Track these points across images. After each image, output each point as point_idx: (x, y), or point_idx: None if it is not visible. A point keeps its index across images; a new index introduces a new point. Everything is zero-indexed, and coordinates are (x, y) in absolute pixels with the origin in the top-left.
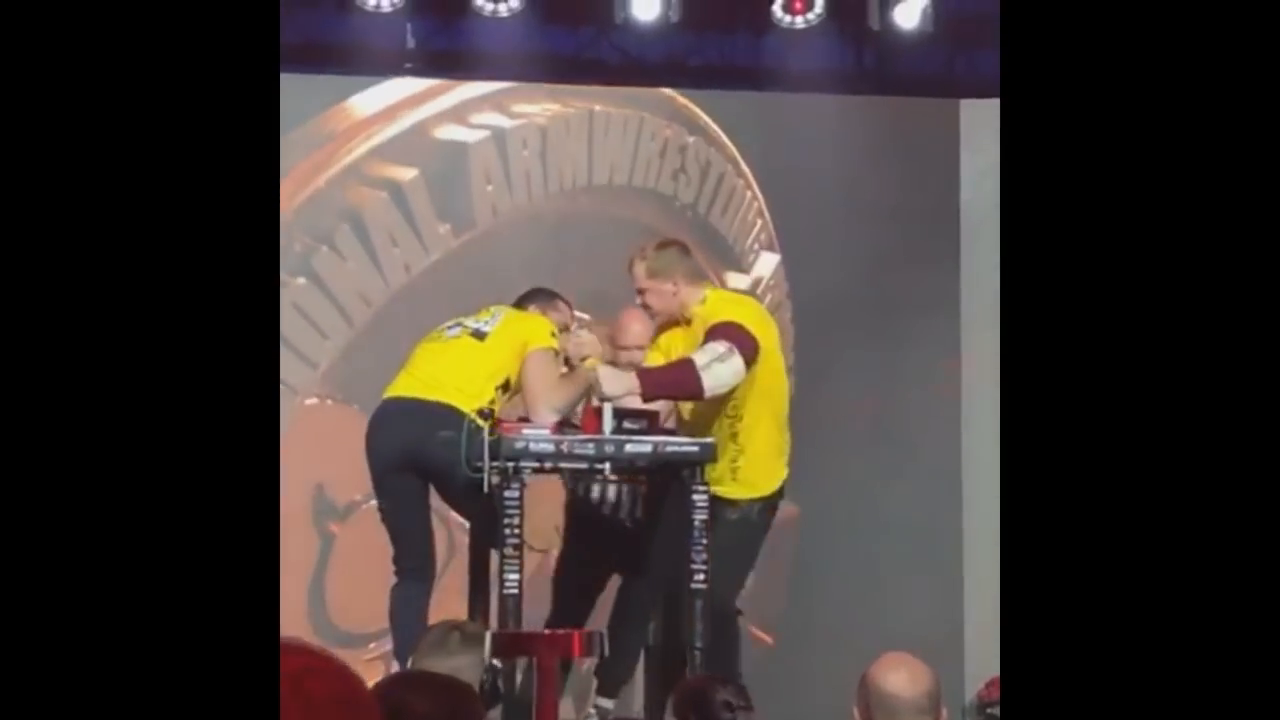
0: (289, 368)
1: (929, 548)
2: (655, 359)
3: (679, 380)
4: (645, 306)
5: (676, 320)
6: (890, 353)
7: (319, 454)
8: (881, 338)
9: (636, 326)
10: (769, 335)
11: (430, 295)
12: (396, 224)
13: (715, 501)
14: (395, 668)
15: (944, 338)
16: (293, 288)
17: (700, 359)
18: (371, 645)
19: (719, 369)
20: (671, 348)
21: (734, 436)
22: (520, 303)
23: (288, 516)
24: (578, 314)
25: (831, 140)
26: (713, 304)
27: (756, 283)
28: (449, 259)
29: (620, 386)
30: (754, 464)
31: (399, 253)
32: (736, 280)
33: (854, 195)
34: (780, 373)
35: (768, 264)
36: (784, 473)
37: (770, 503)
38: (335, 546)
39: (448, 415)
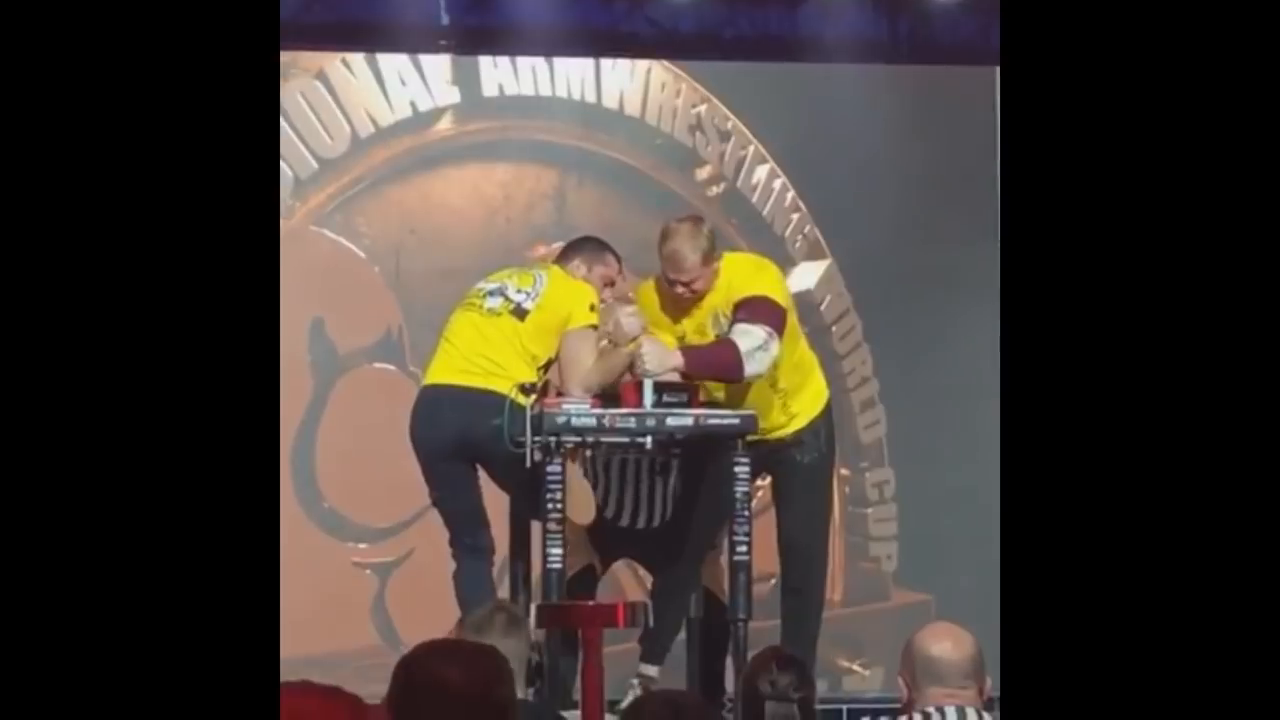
0: (289, 150)
1: (969, 519)
2: (665, 339)
3: (722, 363)
4: (691, 293)
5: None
6: (929, 324)
7: (320, 286)
8: (919, 309)
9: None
10: (788, 296)
11: (439, 171)
12: (404, 64)
13: (785, 451)
14: (389, 583)
15: (983, 308)
16: (298, 79)
17: (744, 344)
18: (363, 545)
19: (761, 357)
20: (683, 320)
21: (774, 384)
22: (567, 253)
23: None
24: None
25: (867, 111)
26: (730, 272)
27: (807, 290)
28: (459, 144)
29: (664, 364)
30: (798, 391)
31: (406, 90)
32: (795, 282)
33: (890, 166)
34: (793, 311)
35: (818, 269)
36: (823, 379)
37: (826, 417)
38: (331, 400)
39: (495, 402)
